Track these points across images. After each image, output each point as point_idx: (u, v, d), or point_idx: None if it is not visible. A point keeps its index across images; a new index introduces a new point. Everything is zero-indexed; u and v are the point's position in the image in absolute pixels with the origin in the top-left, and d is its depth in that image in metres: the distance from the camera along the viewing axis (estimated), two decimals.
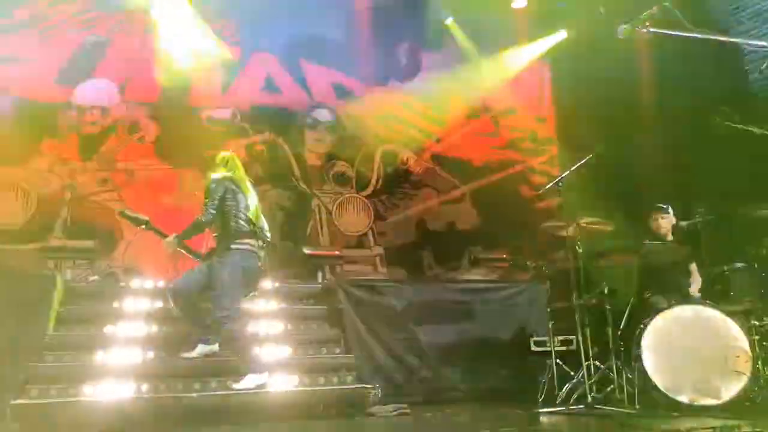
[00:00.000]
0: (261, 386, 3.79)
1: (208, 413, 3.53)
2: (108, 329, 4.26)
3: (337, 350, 4.57)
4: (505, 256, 6.56)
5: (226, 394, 3.82)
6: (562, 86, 7.87)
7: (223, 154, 4.35)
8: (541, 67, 8.03)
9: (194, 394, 3.82)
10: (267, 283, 4.89)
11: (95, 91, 6.60)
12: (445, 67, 7.72)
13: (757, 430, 1.96)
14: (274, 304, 4.80)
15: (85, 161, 6.41)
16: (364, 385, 4.21)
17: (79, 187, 6.32)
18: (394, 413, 4.10)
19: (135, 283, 4.86)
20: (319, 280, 5.78)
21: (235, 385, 3.78)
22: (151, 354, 4.14)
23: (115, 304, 4.52)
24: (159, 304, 4.56)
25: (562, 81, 7.87)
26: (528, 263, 6.10)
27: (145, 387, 3.80)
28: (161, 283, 4.88)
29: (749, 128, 3.89)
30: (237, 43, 6.92)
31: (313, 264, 6.07)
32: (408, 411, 4.16)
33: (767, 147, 4.16)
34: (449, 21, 7.53)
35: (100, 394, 3.69)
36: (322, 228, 6.94)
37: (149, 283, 4.86)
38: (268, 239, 4.16)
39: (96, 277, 5.12)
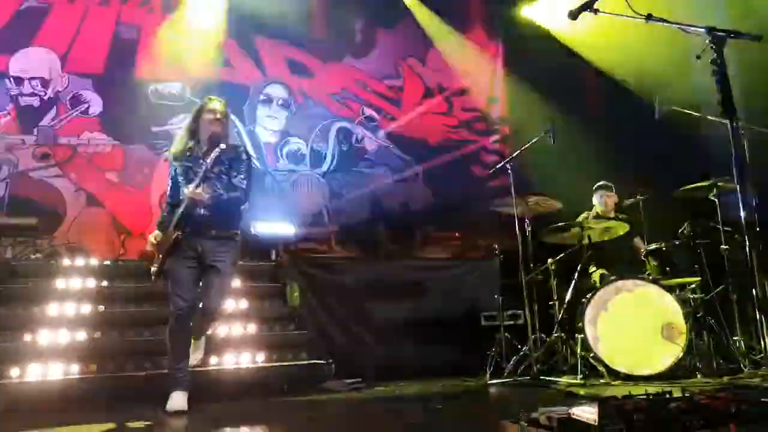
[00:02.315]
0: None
1: (159, 392, 3.49)
2: (51, 308, 4.14)
3: (291, 327, 4.58)
4: (457, 234, 6.67)
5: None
6: (514, 66, 7.98)
7: None
8: (494, 46, 8.13)
9: (143, 373, 3.79)
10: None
11: (34, 61, 6.27)
12: (401, 44, 7.71)
13: (686, 394, 2.10)
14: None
15: (24, 135, 6.12)
16: (317, 361, 4.25)
17: (18, 161, 6.03)
18: (348, 388, 4.16)
19: (79, 261, 4.72)
20: (273, 257, 5.75)
21: None
22: (98, 334, 4.06)
23: (60, 284, 4.38)
24: (104, 282, 4.45)
25: (514, 61, 7.98)
26: (479, 241, 6.24)
27: (94, 366, 3.73)
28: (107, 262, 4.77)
29: (687, 111, 4.07)
30: (187, 15, 6.69)
31: (266, 242, 6.01)
32: (362, 385, 4.23)
33: (705, 129, 4.38)
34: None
35: (48, 373, 3.62)
36: (275, 206, 6.86)
37: (94, 261, 4.73)
38: None
39: (38, 256, 4.94)
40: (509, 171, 4.59)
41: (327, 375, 4.21)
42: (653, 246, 4.37)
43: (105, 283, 4.50)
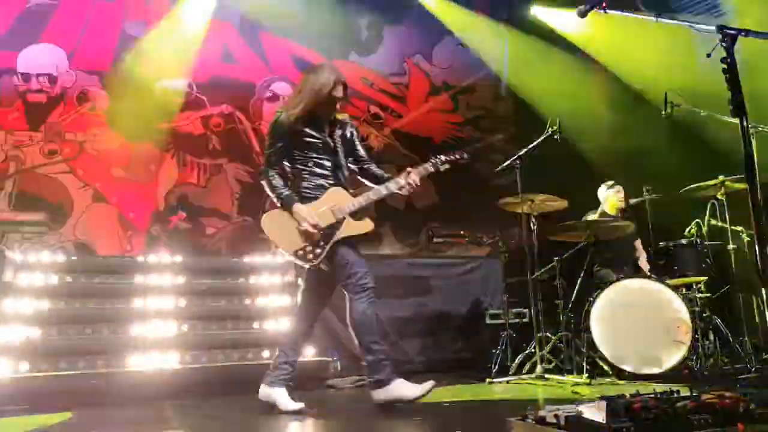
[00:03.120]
0: None
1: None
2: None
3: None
4: (462, 232, 6.67)
5: (189, 368, 3.82)
6: (520, 64, 7.96)
7: None
8: (500, 44, 8.11)
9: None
10: (224, 259, 4.86)
11: (41, 58, 6.30)
12: (406, 42, 7.70)
13: (694, 393, 2.10)
14: (233, 279, 4.78)
15: (31, 131, 6.15)
16: (323, 358, 4.26)
17: (26, 158, 6.06)
18: (353, 385, 4.17)
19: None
20: (278, 254, 5.76)
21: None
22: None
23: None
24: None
25: (520, 59, 7.97)
26: (484, 239, 6.24)
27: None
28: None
29: (696, 109, 4.06)
30: (193, 11, 6.70)
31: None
32: (366, 382, 4.23)
33: (712, 129, 4.37)
34: None
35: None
36: None
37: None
38: None
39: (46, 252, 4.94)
40: (516, 169, 4.58)
41: (333, 372, 4.23)
42: (661, 244, 4.36)
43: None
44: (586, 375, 3.96)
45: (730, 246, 4.21)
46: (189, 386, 3.81)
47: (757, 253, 2.17)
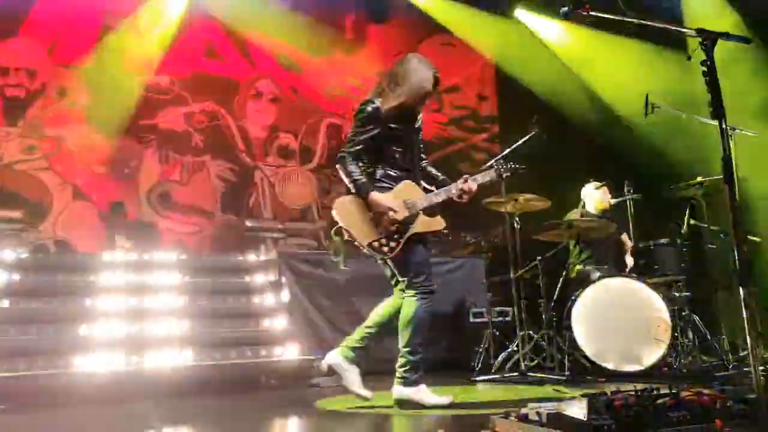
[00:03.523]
0: None
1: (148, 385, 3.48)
2: None
3: (280, 323, 4.57)
4: (446, 231, 6.69)
5: (170, 367, 3.79)
6: (504, 64, 8.01)
7: None
8: (484, 44, 8.14)
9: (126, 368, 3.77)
10: (206, 257, 4.82)
11: (20, 52, 6.19)
12: (392, 41, 7.70)
13: (673, 390, 2.13)
14: (215, 278, 4.74)
15: (9, 127, 6.04)
16: (307, 357, 4.25)
17: (3, 154, 5.96)
18: (337, 384, 4.16)
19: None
20: (262, 253, 5.74)
21: None
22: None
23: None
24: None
25: (504, 60, 8.01)
26: (468, 238, 6.27)
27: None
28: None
29: (675, 112, 4.12)
30: (177, 7, 6.63)
31: (255, 237, 6.01)
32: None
33: (694, 131, 4.44)
34: None
35: None
36: (265, 201, 6.85)
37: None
38: None
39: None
40: (501, 169, 4.59)
41: (316, 371, 4.21)
42: (641, 244, 4.42)
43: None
44: (568, 373, 3.99)
45: (709, 245, 4.28)
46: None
47: (735, 252, 2.21)
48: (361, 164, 3.07)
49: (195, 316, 4.32)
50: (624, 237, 4.89)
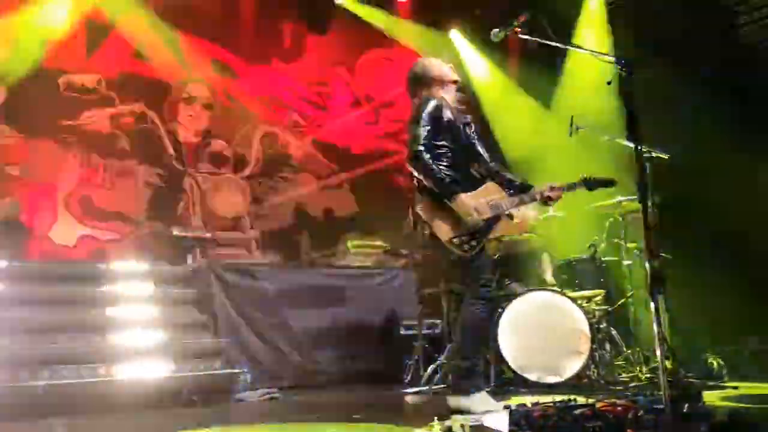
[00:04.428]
0: None
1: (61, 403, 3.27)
2: None
3: (206, 335, 4.43)
4: (379, 243, 6.72)
5: (86, 382, 3.57)
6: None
7: None
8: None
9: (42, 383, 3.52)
10: (132, 265, 4.61)
11: None
12: (330, 52, 7.70)
13: (590, 401, 2.22)
14: (140, 288, 4.52)
15: None
16: (232, 371, 4.13)
17: None
18: (263, 398, 4.07)
19: None
20: (189, 262, 5.55)
21: None
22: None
23: None
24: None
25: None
26: (401, 250, 6.32)
27: None
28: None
29: (596, 133, 4.34)
30: (107, 4, 6.35)
31: (183, 246, 5.81)
32: (277, 395, 4.16)
33: (611, 152, 4.67)
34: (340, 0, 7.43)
35: None
36: (194, 208, 6.64)
37: None
38: None
39: None
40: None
41: (242, 385, 4.11)
42: (562, 261, 4.61)
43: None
44: (494, 385, 4.08)
45: (626, 261, 4.51)
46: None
47: (647, 267, 2.34)
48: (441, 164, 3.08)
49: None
50: (544, 256, 5.06)
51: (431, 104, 3.13)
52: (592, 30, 6.80)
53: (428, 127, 3.07)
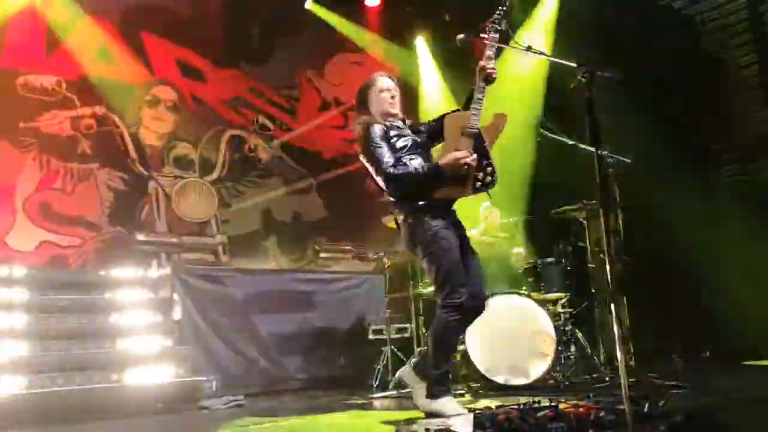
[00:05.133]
0: None
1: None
2: None
3: (171, 342, 4.33)
4: (348, 247, 6.71)
5: (46, 392, 3.46)
6: (406, 83, 8.21)
7: None
8: (391, 65, 8.30)
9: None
10: (95, 271, 4.49)
11: None
12: (299, 55, 7.66)
13: (553, 403, 2.25)
14: (101, 293, 4.41)
15: None
16: (197, 378, 4.05)
17: None
18: (228, 405, 4.01)
19: None
20: (154, 268, 5.43)
21: None
22: None
23: None
24: None
25: (408, 83, 8.21)
26: (370, 255, 6.31)
27: None
28: None
29: (562, 137, 4.41)
30: (68, 3, 6.18)
31: (147, 251, 5.69)
32: (243, 402, 4.09)
33: (579, 155, 4.75)
34: (309, 4, 7.39)
35: None
36: (159, 213, 6.50)
37: None
38: None
39: None
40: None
41: (207, 392, 4.03)
42: (529, 262, 4.66)
43: None
44: (461, 387, 4.10)
45: (590, 265, 4.58)
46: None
47: (608, 271, 2.38)
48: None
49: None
50: (518, 251, 5.13)
51: (375, 130, 3.27)
52: (541, 36, 6.91)
53: (383, 146, 3.20)
